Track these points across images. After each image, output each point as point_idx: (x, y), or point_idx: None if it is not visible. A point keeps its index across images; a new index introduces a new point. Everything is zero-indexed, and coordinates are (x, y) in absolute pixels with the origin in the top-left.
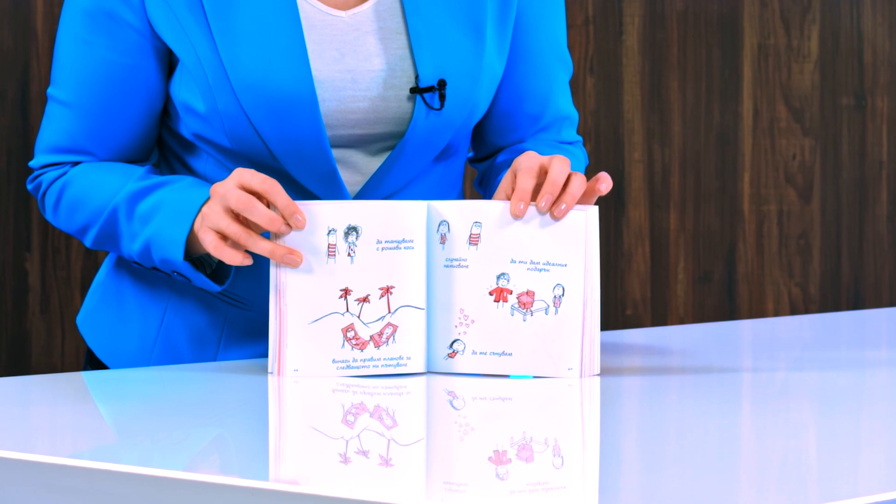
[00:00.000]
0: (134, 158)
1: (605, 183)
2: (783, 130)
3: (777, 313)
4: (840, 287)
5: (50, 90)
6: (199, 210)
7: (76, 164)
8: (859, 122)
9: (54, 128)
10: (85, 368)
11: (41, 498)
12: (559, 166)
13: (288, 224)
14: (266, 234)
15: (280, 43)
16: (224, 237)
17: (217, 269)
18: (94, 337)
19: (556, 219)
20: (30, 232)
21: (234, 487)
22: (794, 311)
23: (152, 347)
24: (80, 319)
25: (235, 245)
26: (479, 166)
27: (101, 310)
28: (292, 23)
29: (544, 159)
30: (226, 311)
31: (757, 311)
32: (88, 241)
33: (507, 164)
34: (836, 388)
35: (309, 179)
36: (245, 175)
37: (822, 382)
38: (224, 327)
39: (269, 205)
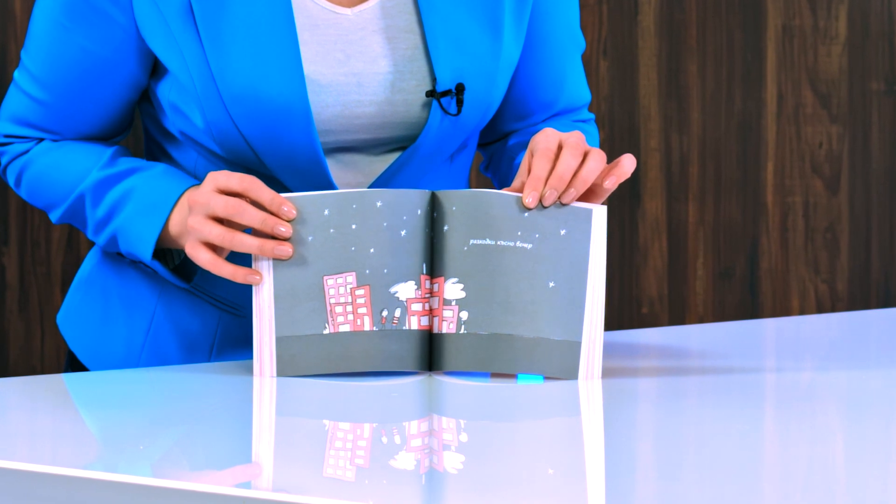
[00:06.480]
0: (103, 138)
1: (613, 177)
2: (809, 117)
3: (802, 311)
4: (869, 283)
5: (23, 55)
6: (173, 208)
7: (41, 140)
8: (890, 108)
9: (21, 99)
10: (66, 370)
11: None
12: (569, 156)
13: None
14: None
15: (272, 52)
16: (214, 247)
17: (183, 263)
18: (75, 338)
19: (563, 204)
20: (7, 224)
21: (225, 496)
22: (820, 309)
23: (139, 354)
24: (61, 317)
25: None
26: (486, 149)
27: (83, 310)
28: (286, 28)
29: (562, 136)
30: (218, 316)
31: (781, 309)
32: (53, 220)
33: (521, 146)
34: (865, 390)
35: (301, 187)
36: (220, 178)
37: (850, 385)
38: (216, 334)
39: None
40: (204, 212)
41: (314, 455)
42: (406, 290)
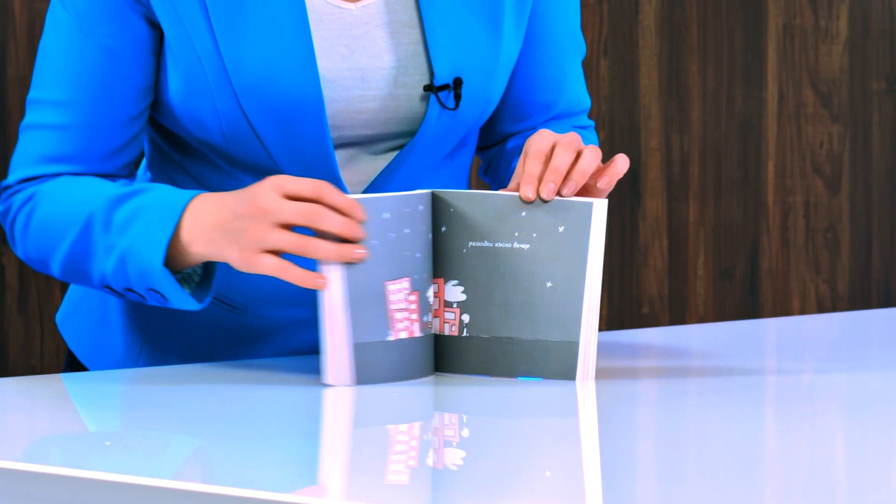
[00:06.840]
0: (119, 171)
1: (607, 177)
2: (810, 117)
3: (803, 311)
4: (870, 283)
5: (33, 95)
6: (183, 212)
7: (55, 175)
8: (891, 108)
9: (37, 136)
10: (65, 370)
11: None
12: (563, 152)
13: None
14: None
15: (286, 42)
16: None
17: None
18: (75, 338)
19: (563, 196)
20: None
21: (225, 496)
22: (821, 309)
23: (139, 353)
24: (60, 317)
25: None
26: (485, 154)
27: (83, 309)
28: (299, 21)
29: (557, 137)
30: (218, 316)
31: (781, 309)
32: (58, 266)
33: (519, 149)
34: (866, 391)
35: None
36: (287, 184)
37: (851, 385)
38: (216, 334)
39: None
40: (272, 220)
41: (313, 456)
42: (432, 293)
